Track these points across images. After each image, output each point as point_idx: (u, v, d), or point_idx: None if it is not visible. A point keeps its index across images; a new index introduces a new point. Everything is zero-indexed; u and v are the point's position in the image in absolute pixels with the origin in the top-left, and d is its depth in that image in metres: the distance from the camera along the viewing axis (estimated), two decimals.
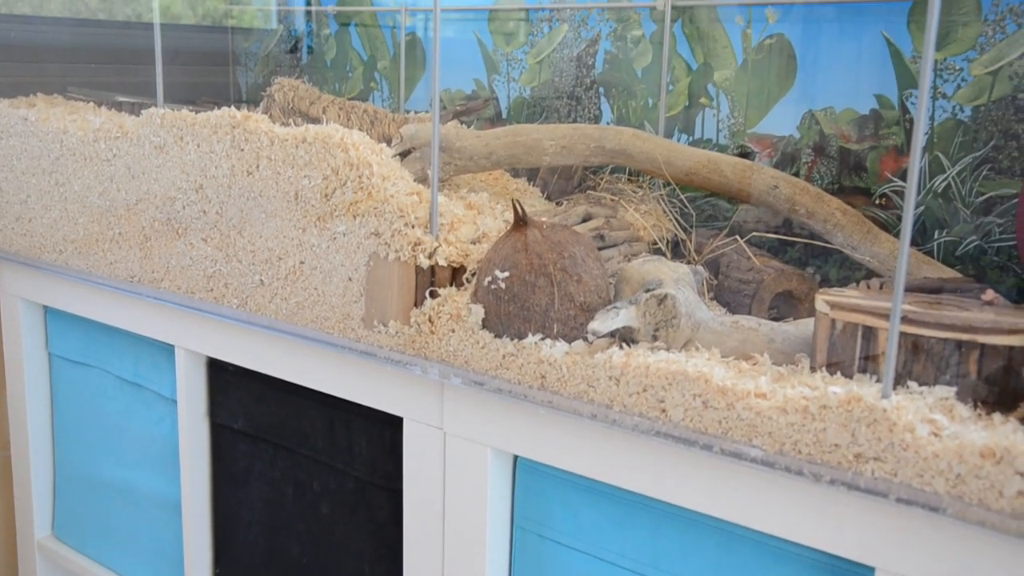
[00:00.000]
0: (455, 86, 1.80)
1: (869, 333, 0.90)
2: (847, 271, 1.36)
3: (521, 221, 1.06)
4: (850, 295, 0.96)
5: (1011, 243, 1.25)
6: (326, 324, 1.23)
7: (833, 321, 0.92)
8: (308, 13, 2.05)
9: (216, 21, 2.22)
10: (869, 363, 0.90)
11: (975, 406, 0.85)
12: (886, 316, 0.88)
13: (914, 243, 1.32)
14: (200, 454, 1.54)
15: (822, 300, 0.94)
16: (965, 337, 0.86)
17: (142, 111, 1.41)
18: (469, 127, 1.72)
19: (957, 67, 1.27)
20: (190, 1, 2.16)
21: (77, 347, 1.71)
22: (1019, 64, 1.22)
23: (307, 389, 1.34)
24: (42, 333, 1.77)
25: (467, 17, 1.76)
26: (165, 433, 1.59)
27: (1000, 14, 1.23)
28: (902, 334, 0.87)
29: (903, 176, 1.34)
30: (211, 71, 2.25)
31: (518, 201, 1.06)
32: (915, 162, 0.82)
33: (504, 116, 1.75)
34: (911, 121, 1.32)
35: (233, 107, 1.31)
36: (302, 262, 1.23)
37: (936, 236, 1.32)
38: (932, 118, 1.30)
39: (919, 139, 0.81)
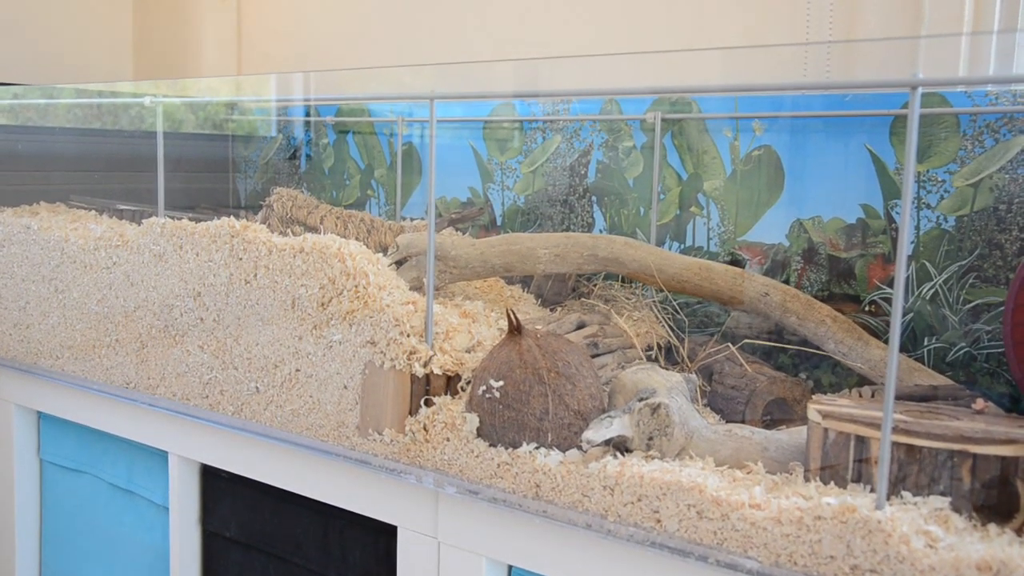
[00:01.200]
0: (451, 194, 1.84)
1: (862, 443, 0.91)
2: (839, 376, 1.37)
3: (516, 330, 1.07)
4: (842, 404, 0.97)
5: (1000, 350, 1.27)
6: (321, 432, 1.23)
7: (826, 431, 0.93)
8: (307, 123, 2.10)
9: (217, 129, 2.27)
10: (863, 472, 0.90)
11: (970, 516, 0.85)
12: (878, 426, 0.88)
13: (904, 349, 1.34)
14: (191, 562, 1.52)
15: (814, 410, 0.95)
16: (957, 447, 0.87)
17: (143, 220, 1.44)
18: (464, 234, 1.75)
19: (939, 179, 1.30)
20: (192, 109, 2.21)
21: (70, 453, 1.70)
22: (998, 176, 1.26)
23: (301, 497, 1.33)
24: (34, 439, 1.76)
25: (463, 127, 1.81)
26: (156, 541, 1.57)
27: (977, 129, 1.27)
28: (894, 444, 0.88)
29: (891, 283, 1.36)
30: (211, 178, 2.29)
31: (512, 310, 1.07)
32: (900, 272, 0.84)
33: (499, 223, 1.78)
34: (897, 230, 1.34)
35: (232, 217, 1.33)
36: (298, 370, 1.24)
37: (926, 342, 1.33)
38: (917, 227, 1.33)
39: (903, 249, 0.83)
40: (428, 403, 1.13)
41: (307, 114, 2.10)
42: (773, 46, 1.44)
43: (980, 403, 0.98)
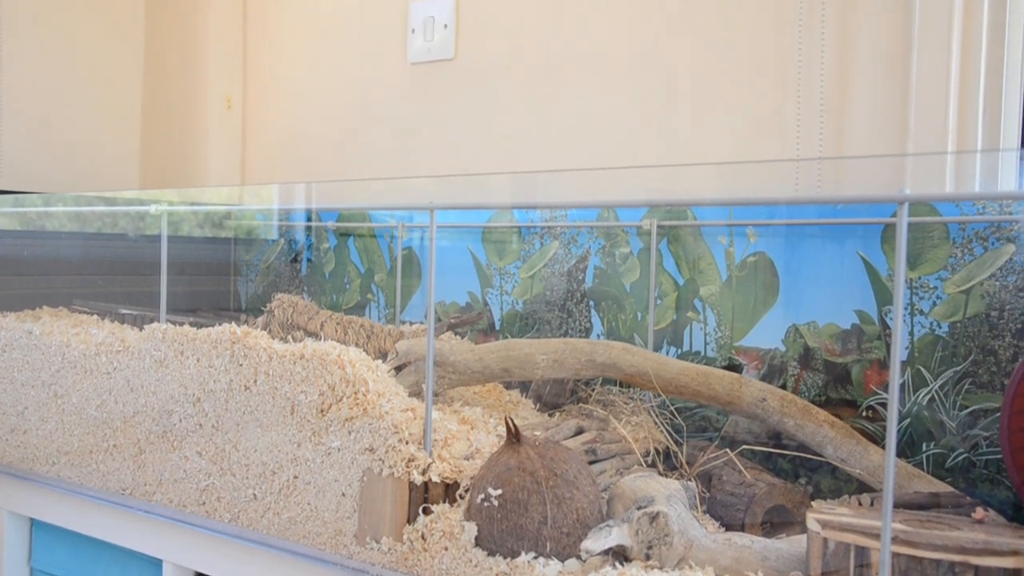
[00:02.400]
0: (450, 298, 1.86)
1: (862, 553, 0.90)
2: (839, 481, 1.36)
3: (514, 438, 1.08)
4: (841, 513, 0.97)
5: (998, 456, 1.27)
6: (318, 540, 1.22)
7: (825, 540, 0.93)
8: (309, 227, 2.14)
9: (220, 233, 2.31)
10: None
11: None
12: (878, 536, 0.88)
13: (903, 455, 1.34)
14: None
15: (814, 519, 0.94)
16: (958, 558, 0.86)
17: (145, 324, 1.45)
18: (463, 338, 1.76)
19: (931, 285, 1.32)
20: (196, 214, 2.25)
21: (62, 561, 1.68)
22: (989, 284, 1.28)
23: None
24: (26, 547, 1.74)
25: (462, 232, 1.84)
26: None
27: (967, 237, 1.29)
28: (895, 555, 0.87)
29: (888, 389, 1.37)
30: (213, 281, 2.31)
31: (511, 418, 1.08)
32: (895, 380, 0.85)
33: (497, 327, 1.80)
34: (891, 336, 1.36)
35: (233, 323, 1.35)
36: (296, 476, 1.24)
37: (924, 448, 1.33)
38: (911, 333, 1.34)
39: (897, 356, 0.84)
40: (426, 511, 1.13)
41: (308, 219, 2.14)
42: (765, 162, 1.48)
43: (980, 512, 0.98)
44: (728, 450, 1.32)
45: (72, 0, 2.23)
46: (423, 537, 1.11)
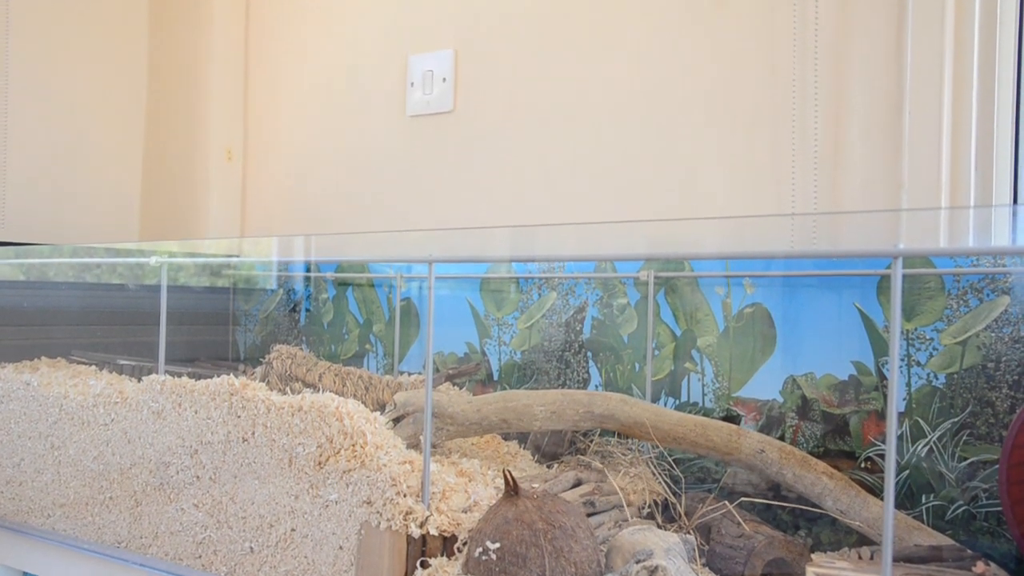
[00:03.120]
0: (448, 349, 1.86)
1: None
2: (838, 534, 1.36)
3: (512, 491, 1.08)
4: (841, 567, 0.96)
5: (998, 508, 1.26)
6: None
7: None
8: (307, 278, 2.15)
9: (218, 283, 2.32)
10: None
11: None
12: None
13: (903, 507, 1.33)
14: None
15: (813, 572, 0.94)
16: None
17: (143, 376, 1.45)
18: (461, 388, 1.76)
19: (928, 337, 1.33)
20: (194, 263, 2.26)
21: None
22: (985, 335, 1.28)
23: None
24: None
25: (460, 283, 1.85)
26: None
27: (962, 289, 1.30)
28: None
29: (886, 440, 1.37)
30: (212, 331, 2.32)
31: (509, 471, 1.08)
32: (891, 433, 0.85)
33: (495, 378, 1.80)
34: (888, 387, 1.36)
35: (231, 374, 1.35)
36: (293, 529, 1.23)
37: (924, 500, 1.33)
38: (908, 385, 1.34)
39: (893, 408, 0.85)
40: (424, 565, 1.12)
41: (307, 270, 2.15)
42: (762, 216, 1.49)
43: (980, 566, 0.97)
44: (727, 502, 1.32)
45: (75, 54, 2.26)
46: None
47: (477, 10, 1.90)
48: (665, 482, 1.43)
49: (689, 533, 1.27)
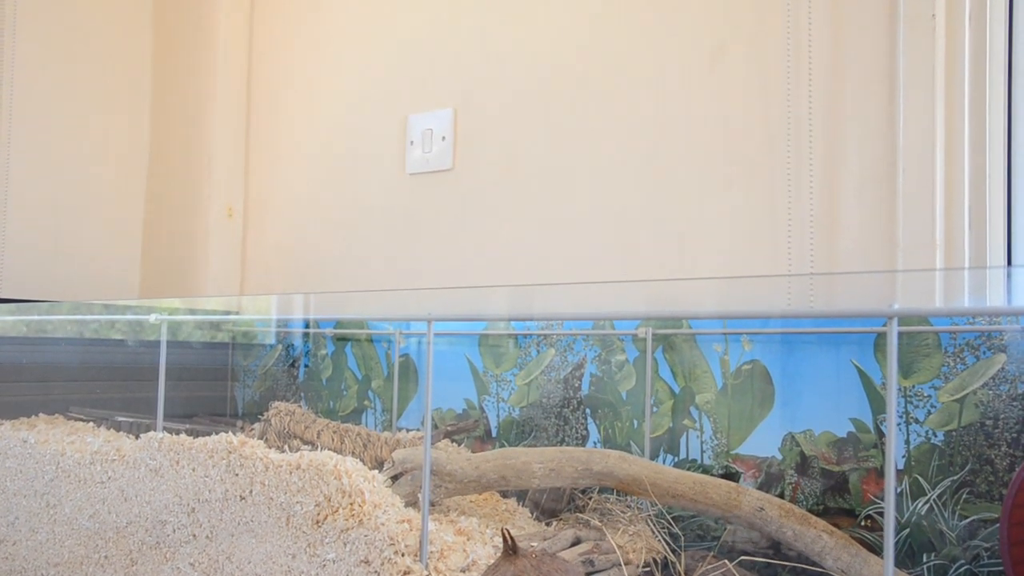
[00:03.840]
0: (446, 405, 1.86)
1: None
2: None
3: (511, 550, 1.07)
4: None
5: (1000, 567, 1.26)
6: None
7: None
8: (306, 334, 2.15)
9: (217, 338, 2.32)
10: None
11: None
12: None
13: (903, 565, 1.32)
14: None
15: None
16: None
17: (141, 432, 1.45)
18: (460, 445, 1.76)
19: (925, 394, 1.33)
20: (194, 321, 2.27)
21: None
22: (982, 393, 1.29)
23: None
24: None
25: (459, 339, 1.86)
26: None
27: (958, 346, 1.31)
28: None
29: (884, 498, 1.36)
30: (210, 386, 2.32)
31: (507, 530, 1.07)
32: (890, 493, 0.85)
33: (494, 435, 1.79)
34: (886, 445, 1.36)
35: (230, 432, 1.35)
36: None
37: (925, 559, 1.32)
38: (907, 442, 1.34)
39: (891, 469, 0.85)
40: None
41: (307, 326, 2.16)
42: (759, 277, 1.50)
43: None
44: (727, 560, 1.31)
45: (77, 111, 2.29)
46: None
47: (476, 71, 1.93)
48: (664, 540, 1.42)
49: None
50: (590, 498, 1.56)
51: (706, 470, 1.53)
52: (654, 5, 1.70)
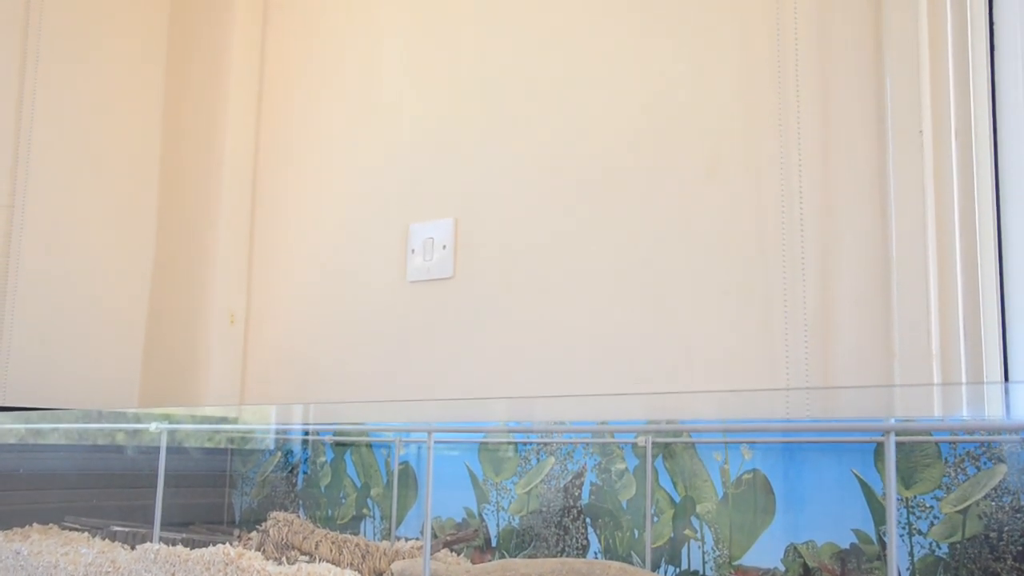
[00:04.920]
0: (446, 514, 1.85)
1: None
2: None
3: None
4: None
5: None
6: None
7: None
8: (305, 442, 2.15)
9: (215, 444, 2.31)
10: None
11: None
12: None
13: None
14: None
15: None
16: None
17: (137, 544, 1.44)
18: (459, 554, 1.74)
19: (927, 504, 1.32)
20: (193, 418, 2.26)
21: None
22: (985, 504, 1.28)
23: None
24: None
25: (458, 447, 1.85)
26: None
27: (958, 457, 1.31)
28: None
29: None
30: (208, 492, 2.30)
31: None
32: None
33: (493, 544, 1.77)
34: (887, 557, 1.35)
35: (227, 544, 1.33)
36: None
37: None
38: (911, 554, 1.33)
39: None
40: None
41: (306, 433, 2.15)
42: (757, 390, 1.51)
43: None
44: None
45: (84, 222, 2.33)
46: None
47: (477, 181, 1.97)
48: None
49: None
50: None
51: None
52: (650, 118, 1.75)
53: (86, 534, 1.76)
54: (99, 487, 2.08)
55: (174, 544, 1.41)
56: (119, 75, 2.43)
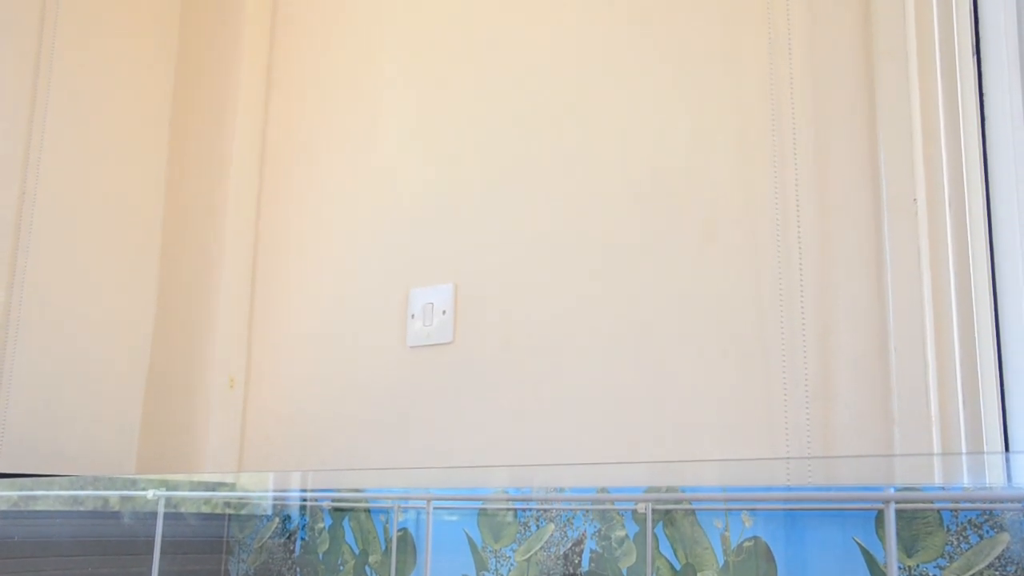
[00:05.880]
0: None
1: None
2: None
3: None
4: None
5: None
6: None
7: None
8: (303, 508, 2.13)
9: (213, 509, 2.29)
10: None
11: None
12: None
13: None
14: None
15: None
16: None
17: None
18: None
19: (930, 574, 1.31)
20: (190, 484, 2.25)
21: None
22: (989, 573, 1.27)
23: None
24: None
25: (457, 513, 1.84)
26: None
27: (960, 524, 1.30)
28: None
29: None
30: (205, 559, 2.27)
31: None
32: None
33: None
34: None
35: None
36: None
37: None
38: None
39: None
40: None
41: (304, 499, 2.14)
42: (758, 459, 1.51)
43: None
44: None
45: (84, 287, 2.34)
46: None
47: (477, 247, 1.99)
48: None
49: None
50: None
51: None
52: (648, 185, 1.77)
53: None
54: (95, 554, 2.06)
55: None
56: (119, 146, 2.47)
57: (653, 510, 1.58)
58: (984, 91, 1.49)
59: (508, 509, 1.77)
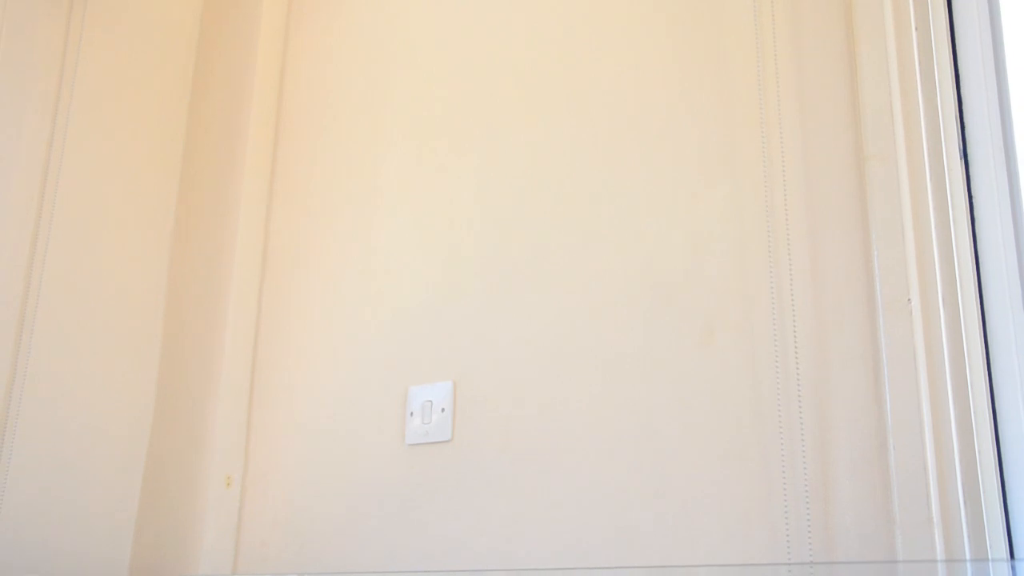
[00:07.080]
0: None
1: None
2: None
3: None
4: None
5: None
6: None
7: None
8: None
9: None
10: None
11: None
12: None
13: None
14: None
15: None
16: None
17: None
18: None
19: None
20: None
21: None
22: None
23: None
24: None
25: None
26: None
27: None
28: None
29: None
30: None
31: None
32: None
33: None
34: None
35: None
36: None
37: None
38: None
39: None
40: None
41: None
42: (759, 565, 1.50)
43: None
44: None
45: (81, 392, 2.34)
46: None
47: (476, 344, 2.00)
48: None
49: None
50: None
51: None
52: (646, 287, 1.79)
53: None
54: None
55: None
56: (121, 242, 2.50)
57: None
58: (972, 193, 1.52)
59: None
